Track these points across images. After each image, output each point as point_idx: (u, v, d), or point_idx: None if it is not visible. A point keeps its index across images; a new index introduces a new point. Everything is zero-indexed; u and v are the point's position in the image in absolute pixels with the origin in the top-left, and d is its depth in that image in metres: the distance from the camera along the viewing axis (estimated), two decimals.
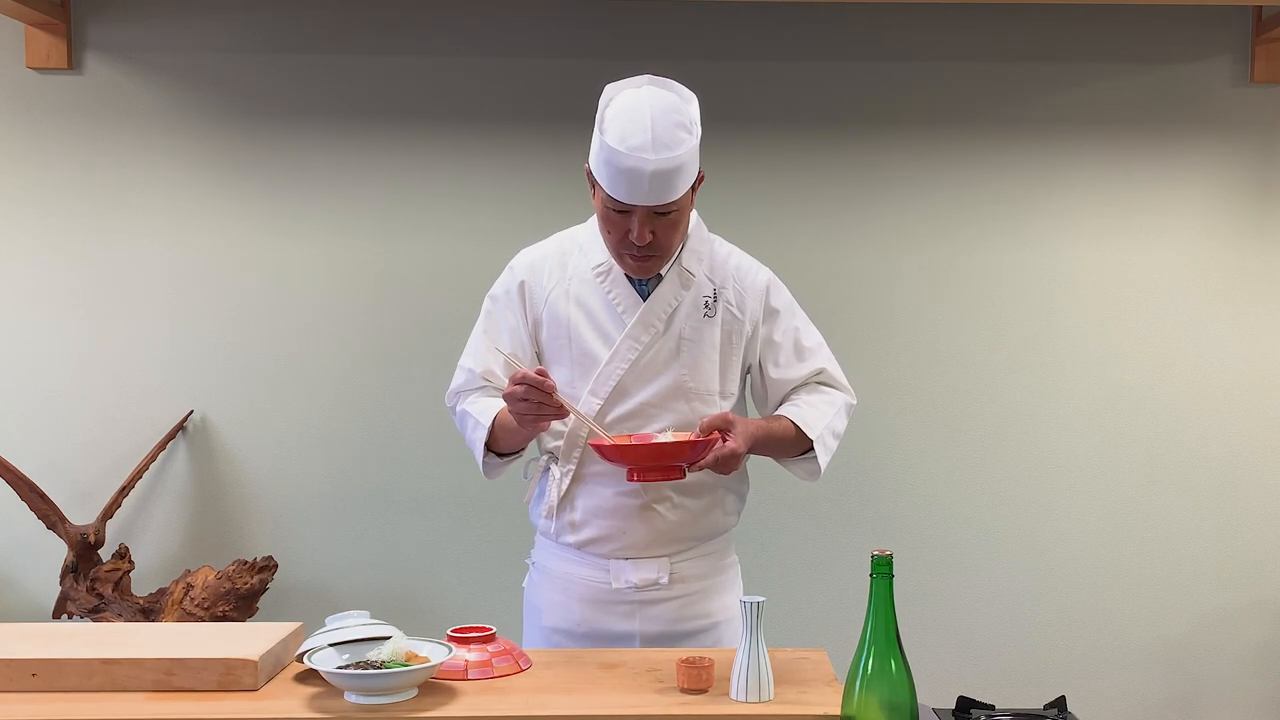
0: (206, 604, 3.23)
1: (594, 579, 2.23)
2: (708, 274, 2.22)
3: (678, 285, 2.19)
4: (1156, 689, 3.66)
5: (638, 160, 1.99)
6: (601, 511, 2.19)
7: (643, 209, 2.04)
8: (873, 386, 3.60)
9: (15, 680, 1.85)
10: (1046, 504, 3.64)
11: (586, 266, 2.21)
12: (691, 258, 2.21)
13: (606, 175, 2.04)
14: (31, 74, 3.51)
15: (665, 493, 2.19)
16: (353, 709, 1.79)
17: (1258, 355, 3.63)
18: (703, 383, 2.19)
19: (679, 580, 2.23)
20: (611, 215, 2.08)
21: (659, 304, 2.18)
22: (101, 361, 3.56)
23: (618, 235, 2.10)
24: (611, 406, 2.18)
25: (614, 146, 2.00)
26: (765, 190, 3.57)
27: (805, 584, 3.60)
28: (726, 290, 2.22)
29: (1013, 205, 3.61)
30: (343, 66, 3.54)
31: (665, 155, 1.99)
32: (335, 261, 3.57)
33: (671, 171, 2.01)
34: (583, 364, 2.19)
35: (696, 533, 2.24)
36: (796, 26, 3.55)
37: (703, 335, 2.19)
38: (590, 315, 2.19)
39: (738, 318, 2.22)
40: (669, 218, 2.07)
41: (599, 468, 2.18)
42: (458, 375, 2.29)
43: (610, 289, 2.19)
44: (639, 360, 2.17)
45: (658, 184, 2.01)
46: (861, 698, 1.62)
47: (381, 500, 3.60)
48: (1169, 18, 3.56)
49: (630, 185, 2.01)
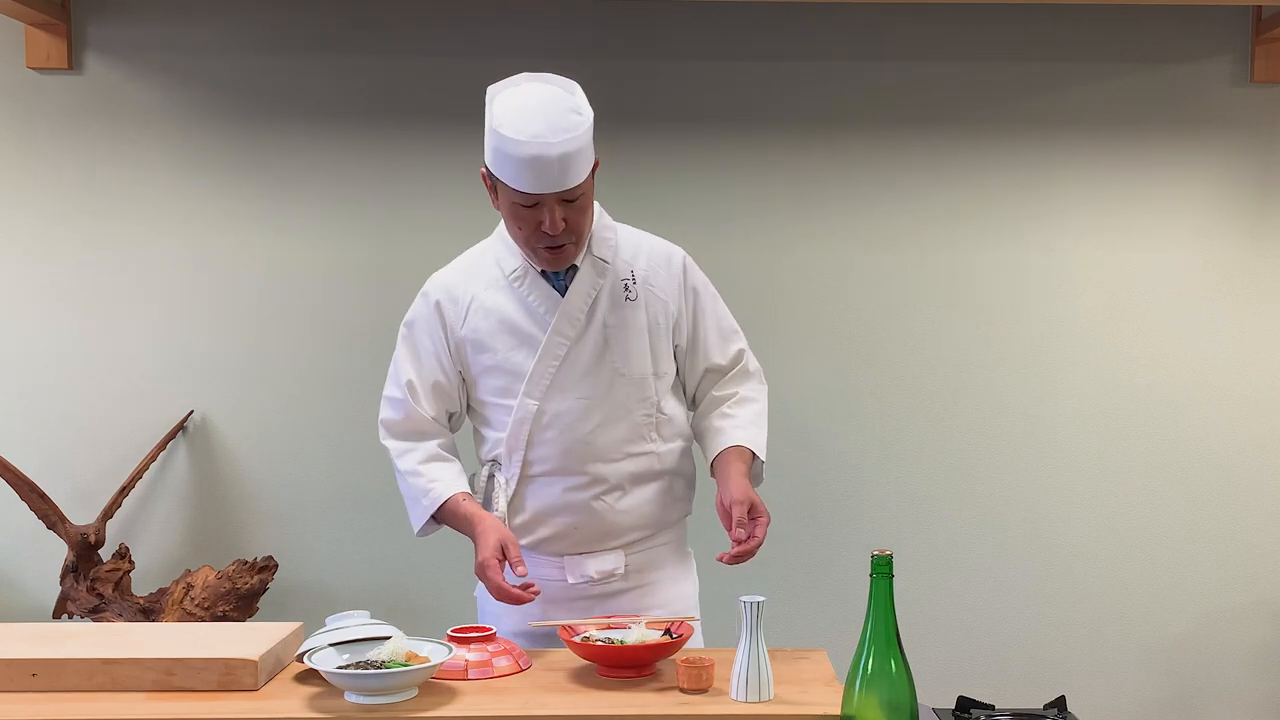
0: (206, 604, 3.23)
1: (549, 577, 2.24)
2: (623, 258, 2.24)
3: (594, 275, 2.21)
4: (1156, 689, 3.66)
5: (541, 147, 2.02)
6: (552, 509, 2.23)
7: (551, 197, 2.06)
8: (872, 386, 3.60)
9: (15, 680, 1.85)
10: (1046, 504, 3.64)
11: (500, 275, 2.23)
12: (602, 245, 2.23)
13: (511, 170, 2.06)
14: (31, 74, 3.51)
15: (614, 482, 2.22)
16: (353, 709, 1.79)
17: (1258, 355, 3.63)
18: (636, 368, 2.22)
19: (635, 571, 2.26)
20: (520, 211, 2.10)
21: (578, 297, 2.20)
22: (101, 361, 3.56)
23: (529, 230, 2.11)
24: (548, 405, 2.19)
25: (514, 138, 2.03)
26: (764, 190, 3.57)
27: (805, 584, 3.60)
28: (643, 271, 2.24)
29: (1013, 205, 3.61)
30: (343, 66, 3.54)
31: (565, 138, 2.03)
32: (335, 261, 3.57)
33: (574, 154, 2.04)
34: (512, 371, 2.21)
35: (650, 521, 2.27)
36: (796, 26, 3.55)
37: (627, 320, 2.21)
38: (511, 323, 2.21)
39: (660, 298, 2.25)
40: (577, 204, 2.10)
41: (543, 466, 2.22)
42: (384, 406, 2.32)
43: (528, 292, 2.21)
44: (568, 356, 2.19)
45: (563, 168, 2.04)
46: (861, 698, 1.62)
47: (381, 500, 3.59)
48: (1169, 18, 3.55)
49: (536, 174, 2.03)
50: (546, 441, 2.21)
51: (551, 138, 2.02)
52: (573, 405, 2.19)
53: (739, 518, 2.09)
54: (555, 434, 2.20)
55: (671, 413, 2.29)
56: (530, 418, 2.19)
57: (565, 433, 2.20)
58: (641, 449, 2.24)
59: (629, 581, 2.26)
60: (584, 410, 2.20)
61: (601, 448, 2.21)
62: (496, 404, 2.24)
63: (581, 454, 2.21)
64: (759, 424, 2.30)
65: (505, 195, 2.11)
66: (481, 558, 2.08)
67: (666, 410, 2.27)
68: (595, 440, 2.20)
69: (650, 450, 2.25)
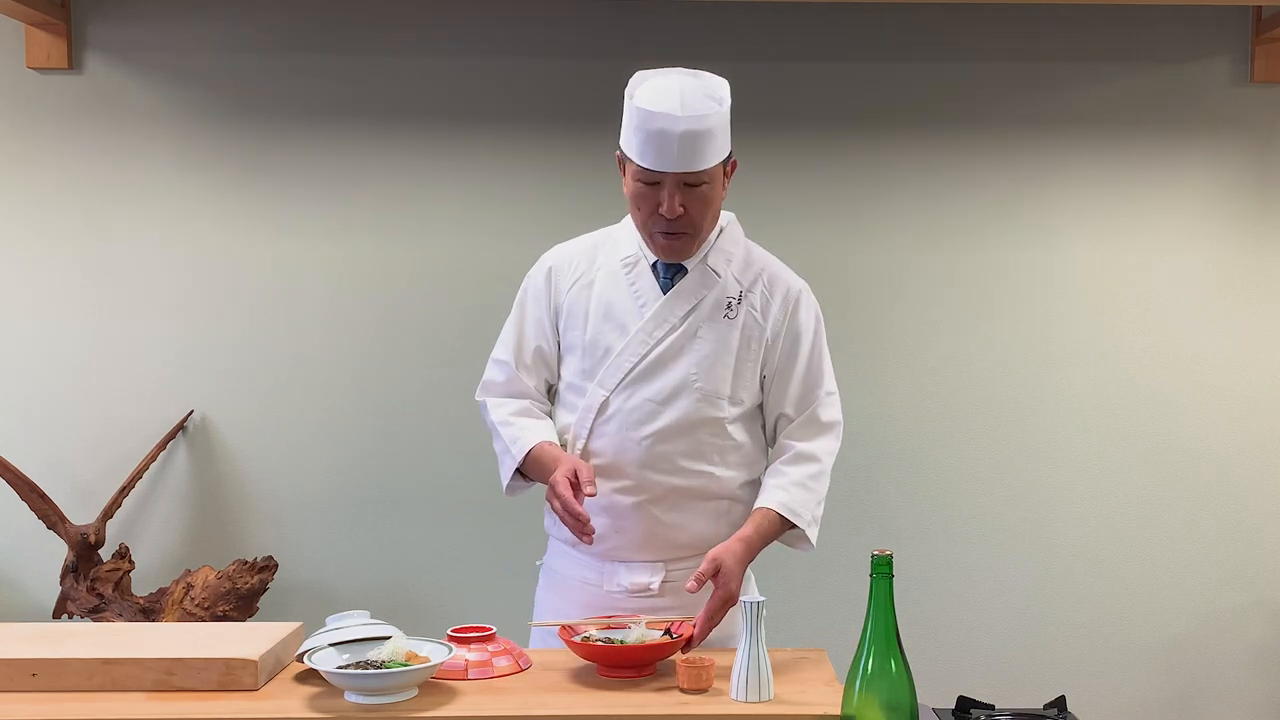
0: (206, 604, 3.23)
1: (588, 580, 2.22)
2: (736, 275, 2.21)
3: (700, 283, 2.18)
4: (1156, 689, 3.66)
5: (666, 120, 2.02)
6: (598, 508, 2.17)
7: (672, 178, 2.06)
8: (872, 386, 3.60)
9: (15, 680, 1.85)
10: (1046, 504, 3.64)
11: (615, 258, 2.22)
12: (719, 257, 2.20)
13: (636, 143, 2.06)
14: (31, 74, 3.51)
15: (662, 493, 2.17)
16: (353, 709, 1.79)
17: (1258, 355, 3.63)
18: (713, 385, 2.17)
19: (673, 589, 2.19)
20: (642, 190, 2.09)
21: (679, 300, 2.17)
22: (102, 361, 3.56)
23: (647, 211, 2.10)
24: (616, 399, 2.17)
25: (643, 108, 2.03)
26: (764, 190, 3.57)
27: (805, 584, 3.60)
28: (753, 294, 2.20)
29: (1013, 205, 3.61)
30: (343, 66, 3.54)
31: (693, 115, 2.03)
32: (335, 261, 3.57)
33: (700, 134, 2.03)
34: (594, 355, 2.19)
35: (697, 541, 2.19)
36: (797, 27, 3.55)
37: (720, 337, 2.17)
38: (610, 306, 2.19)
39: (759, 322, 2.20)
40: (699, 190, 2.09)
41: (598, 460, 2.18)
42: (490, 368, 2.30)
43: (634, 281, 2.19)
44: (649, 354, 2.16)
45: (686, 147, 2.03)
46: (861, 698, 1.62)
47: (381, 500, 3.60)
48: (1169, 18, 3.56)
49: (659, 149, 2.03)
50: (606, 435, 2.17)
51: (679, 113, 2.02)
52: (639, 405, 2.16)
53: (699, 571, 2.03)
54: (614, 429, 2.16)
55: (742, 440, 2.22)
56: (596, 407, 2.17)
57: (624, 431, 2.16)
58: (699, 467, 2.18)
59: (664, 600, 2.19)
60: (649, 413, 2.15)
61: (656, 455, 2.16)
62: (575, 385, 2.21)
63: (634, 457, 2.16)
64: (808, 486, 2.19)
65: (630, 174, 2.11)
66: (553, 477, 2.06)
67: (736, 437, 2.20)
68: (652, 446, 2.15)
69: (708, 471, 2.18)
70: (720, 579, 2.03)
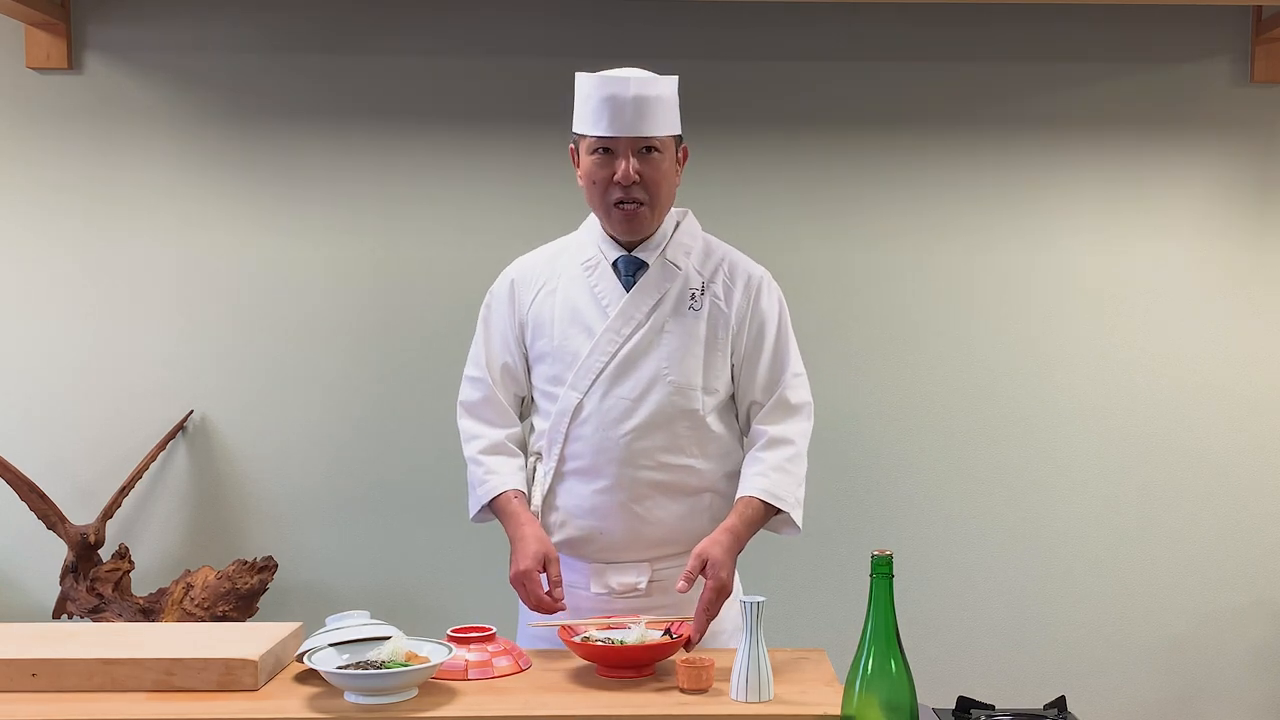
0: (206, 604, 3.23)
1: (574, 583, 2.22)
2: (696, 267, 2.23)
3: (661, 277, 2.20)
4: (1156, 689, 3.66)
5: (618, 85, 2.09)
6: (580, 510, 2.19)
7: (625, 142, 2.10)
8: (872, 387, 3.60)
9: (15, 680, 1.85)
10: (1046, 504, 3.64)
11: (576, 262, 2.24)
12: (678, 250, 2.22)
13: (589, 114, 2.12)
14: (31, 74, 3.51)
15: (644, 490, 2.18)
16: (353, 709, 1.79)
17: (1258, 355, 3.62)
18: (684, 377, 2.18)
19: (660, 588, 2.21)
20: (597, 162, 2.13)
21: (642, 295, 2.19)
22: (101, 361, 3.55)
23: (604, 182, 2.14)
24: (590, 401, 2.18)
25: (595, 78, 2.11)
26: (764, 191, 3.57)
27: (805, 584, 3.60)
28: (715, 284, 2.22)
29: (1012, 205, 3.60)
30: (343, 66, 3.54)
31: (642, 80, 2.11)
32: (335, 261, 3.57)
33: (651, 100, 2.10)
34: (563, 359, 2.20)
35: (681, 536, 2.20)
36: (796, 26, 3.55)
37: (686, 329, 2.19)
38: (574, 310, 2.21)
39: (723, 311, 2.21)
40: (652, 158, 2.12)
41: (576, 463, 2.19)
42: (465, 386, 2.32)
43: (596, 283, 2.21)
44: (619, 353, 2.17)
45: (638, 111, 2.08)
46: (861, 698, 1.62)
47: (381, 500, 3.60)
48: (1169, 18, 3.55)
49: (613, 114, 2.09)
50: (582, 438, 2.18)
51: (630, 78, 2.11)
52: (614, 404, 2.17)
53: (687, 569, 2.04)
54: (590, 431, 2.17)
55: (720, 432, 2.23)
56: (570, 410, 2.18)
57: (600, 431, 2.17)
58: (679, 461, 2.19)
59: (653, 599, 2.20)
60: (625, 410, 2.17)
61: (636, 451, 2.17)
62: (547, 392, 2.23)
63: (614, 455, 2.17)
64: (786, 469, 2.19)
65: (585, 150, 2.15)
66: (524, 566, 2.09)
67: (713, 427, 2.22)
68: (631, 443, 2.16)
69: (688, 464, 2.20)
70: (709, 570, 2.04)
